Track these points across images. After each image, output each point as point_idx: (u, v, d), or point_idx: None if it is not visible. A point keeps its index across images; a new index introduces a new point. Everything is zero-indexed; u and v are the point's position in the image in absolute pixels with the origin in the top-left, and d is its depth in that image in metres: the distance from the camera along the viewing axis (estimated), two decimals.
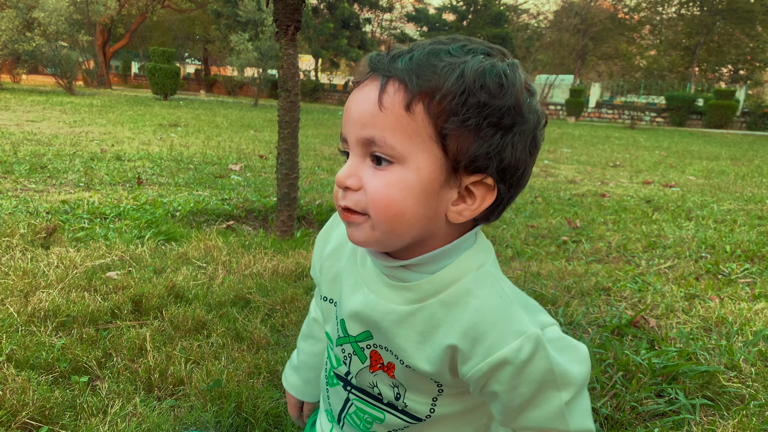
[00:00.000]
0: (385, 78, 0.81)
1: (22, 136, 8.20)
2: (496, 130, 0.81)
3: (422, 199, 0.82)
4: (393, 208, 0.81)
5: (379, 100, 0.81)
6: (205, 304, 2.29)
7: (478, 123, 0.79)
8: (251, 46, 22.37)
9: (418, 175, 0.81)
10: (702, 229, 4.55)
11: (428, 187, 0.82)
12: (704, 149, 14.39)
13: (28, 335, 1.91)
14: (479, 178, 0.83)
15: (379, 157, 0.82)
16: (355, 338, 0.97)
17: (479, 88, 0.79)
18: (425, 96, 0.79)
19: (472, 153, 0.81)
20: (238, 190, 5.29)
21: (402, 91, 0.80)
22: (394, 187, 0.81)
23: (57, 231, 3.20)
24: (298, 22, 4.03)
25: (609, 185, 7.21)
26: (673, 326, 2.50)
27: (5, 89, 19.55)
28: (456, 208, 0.85)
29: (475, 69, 0.80)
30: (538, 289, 2.89)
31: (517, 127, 0.83)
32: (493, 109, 0.80)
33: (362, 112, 0.83)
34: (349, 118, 0.85)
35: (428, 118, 0.79)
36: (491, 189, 0.85)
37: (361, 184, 0.83)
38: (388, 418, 0.99)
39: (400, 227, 0.83)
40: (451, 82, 0.78)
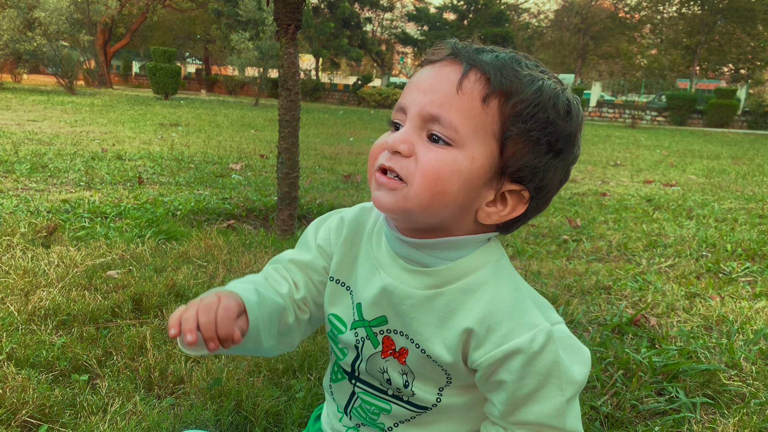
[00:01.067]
0: (468, 65, 0.84)
1: (23, 136, 8.21)
2: (549, 149, 0.86)
3: (466, 188, 0.85)
4: (439, 184, 0.83)
5: (459, 82, 0.83)
6: None
7: (539, 137, 0.84)
8: (252, 45, 22.36)
9: (470, 164, 0.84)
10: (703, 228, 4.55)
11: (475, 179, 0.85)
12: (705, 148, 14.38)
13: (29, 334, 1.91)
14: (518, 188, 0.88)
15: (437, 138, 0.84)
16: (370, 323, 0.98)
17: (551, 106, 0.84)
18: (503, 95, 0.83)
19: (524, 163, 0.85)
20: (238, 189, 5.29)
21: (483, 83, 0.83)
22: (447, 165, 0.83)
23: (57, 230, 3.20)
24: (299, 21, 4.03)
25: (609, 184, 7.20)
26: (674, 325, 2.50)
27: (6, 89, 19.56)
28: (488, 209, 0.89)
29: (552, 88, 0.85)
30: (539, 287, 2.89)
31: (566, 154, 0.89)
32: (555, 130, 0.85)
33: (436, 89, 0.85)
34: (419, 89, 0.87)
35: (499, 115, 0.83)
36: (524, 202, 0.89)
37: (413, 151, 0.85)
38: (394, 408, 1.00)
39: (437, 205, 0.85)
40: (530, 91, 0.83)
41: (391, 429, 1.02)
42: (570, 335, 0.94)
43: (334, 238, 1.06)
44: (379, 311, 0.96)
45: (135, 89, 32.24)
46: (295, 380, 1.77)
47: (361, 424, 1.06)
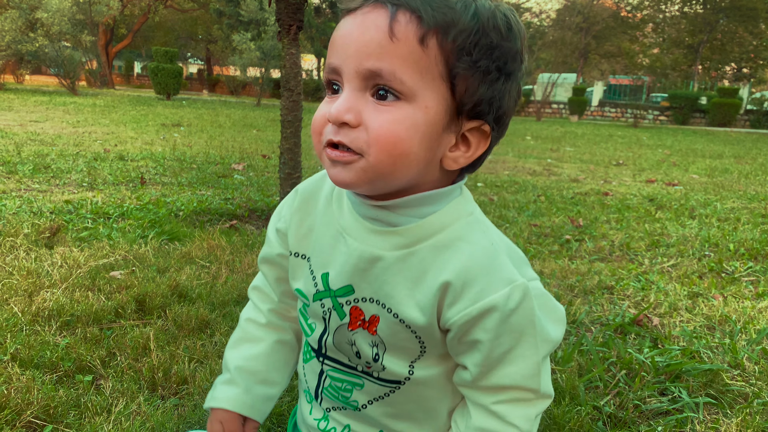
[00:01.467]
0: (394, 6, 0.75)
1: (25, 137, 8.22)
2: (500, 74, 0.79)
3: (426, 141, 0.78)
4: (399, 146, 0.77)
5: (390, 28, 0.74)
6: (209, 304, 2.29)
7: (488, 65, 0.77)
8: (254, 45, 22.39)
9: (425, 115, 0.77)
10: (705, 228, 4.55)
11: (433, 129, 0.78)
12: (708, 147, 14.36)
13: (33, 334, 1.91)
14: (478, 124, 0.81)
15: (384, 92, 0.76)
16: (335, 293, 0.92)
17: (492, 28, 0.77)
18: (439, 31, 0.75)
19: (478, 97, 0.78)
20: (241, 189, 5.30)
21: (415, 23, 0.74)
22: (402, 124, 0.76)
23: (60, 231, 3.20)
24: (300, 22, 4.03)
25: (612, 184, 7.20)
26: (677, 324, 2.50)
27: (9, 90, 19.60)
28: (452, 154, 0.83)
29: (487, 8, 0.78)
30: None
31: (517, 73, 0.82)
32: (502, 52, 0.78)
33: (367, 41, 0.76)
34: (346, 45, 0.78)
35: (441, 54, 0.75)
36: (486, 136, 0.83)
37: (361, 120, 0.77)
38: (366, 384, 0.96)
39: (401, 168, 0.79)
40: (467, 19, 0.75)
41: (365, 407, 0.97)
42: (545, 293, 0.89)
43: (286, 213, 1.01)
44: (346, 279, 0.90)
45: (137, 90, 32.29)
46: (297, 381, 1.77)
47: (331, 408, 1.02)
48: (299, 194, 1.01)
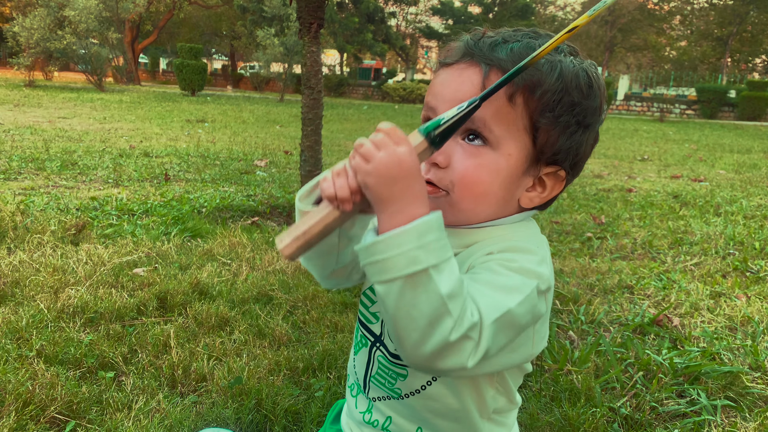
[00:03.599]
0: (487, 66, 0.85)
1: (53, 133, 8.39)
2: (579, 127, 0.87)
3: (506, 183, 0.87)
4: (480, 187, 0.86)
5: (483, 85, 0.84)
6: (229, 301, 2.33)
7: (569, 120, 0.86)
8: (277, 41, 22.49)
9: (507, 162, 0.86)
10: (731, 225, 4.47)
11: (513, 173, 0.87)
12: (736, 142, 14.09)
13: (58, 331, 1.97)
14: (555, 169, 0.90)
15: (474, 137, 0.86)
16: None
17: (575, 88, 0.85)
18: (527, 89, 0.84)
19: (558, 147, 0.87)
20: (263, 186, 5.35)
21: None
22: (485, 169, 0.85)
23: (86, 228, 3.27)
24: (321, 20, 4.05)
25: (636, 180, 7.11)
26: (697, 325, 2.48)
27: (38, 86, 19.96)
28: (529, 194, 0.91)
29: (571, 70, 0.86)
30: (561, 286, 2.88)
31: (595, 125, 0.90)
32: (582, 109, 0.87)
33: (464, 93, 0.85)
34: (445, 95, 0.88)
35: (527, 110, 0.85)
36: (561, 180, 0.91)
37: (449, 161, 0.86)
38: (410, 373, 0.99)
39: (480, 207, 0.88)
40: (552, 79, 0.84)
41: (407, 396, 1.01)
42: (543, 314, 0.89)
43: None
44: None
45: (162, 86, 32.66)
46: (314, 379, 1.80)
47: (377, 397, 1.05)
48: None
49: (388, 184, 0.75)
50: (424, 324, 0.73)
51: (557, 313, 2.53)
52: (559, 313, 2.54)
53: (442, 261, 0.74)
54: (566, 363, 1.98)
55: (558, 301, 2.65)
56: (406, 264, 0.73)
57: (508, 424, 1.05)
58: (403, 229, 0.73)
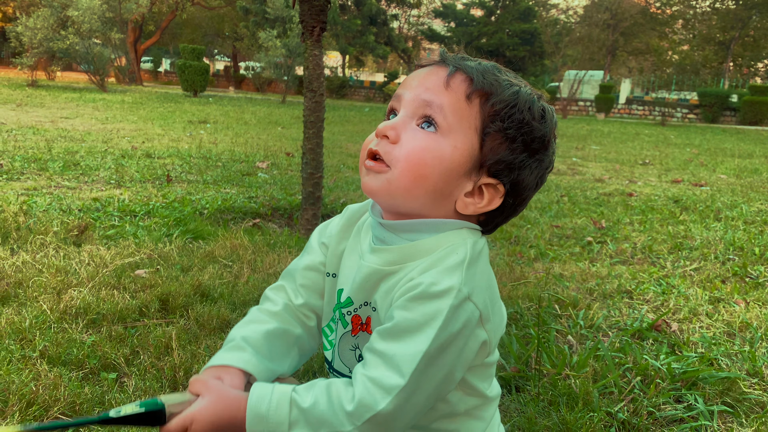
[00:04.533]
0: (454, 68, 0.94)
1: (56, 133, 8.41)
2: (525, 148, 0.94)
3: (446, 174, 0.92)
4: (421, 168, 0.91)
5: (447, 80, 0.93)
6: (230, 303, 2.34)
7: (515, 135, 0.93)
8: (279, 43, 22.52)
9: (452, 153, 0.92)
10: (731, 231, 4.49)
11: (455, 167, 0.92)
12: (737, 147, 14.10)
13: (60, 332, 1.98)
14: (494, 182, 0.94)
15: (429, 120, 0.92)
16: (341, 304, 1.04)
17: (527, 109, 0.93)
18: (483, 95, 0.92)
19: (500, 158, 0.93)
20: (264, 187, 5.37)
21: (467, 83, 0.93)
22: (431, 152, 0.91)
23: (88, 229, 3.29)
24: (324, 23, 4.07)
25: (637, 184, 7.13)
26: (696, 330, 2.49)
27: (41, 86, 20.00)
28: (466, 199, 0.95)
29: (528, 94, 0.95)
30: (560, 291, 2.89)
31: (540, 155, 0.96)
32: (530, 130, 0.93)
33: (429, 83, 0.94)
34: (412, 81, 0.97)
35: (480, 112, 0.92)
36: (499, 195, 0.95)
37: (399, 139, 0.93)
38: None
39: (418, 189, 0.92)
40: (508, 94, 0.93)
41: None
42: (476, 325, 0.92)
43: (332, 231, 1.13)
44: (350, 293, 1.02)
45: (164, 86, 32.70)
46: None
47: None
48: (345, 216, 1.12)
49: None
50: None
51: (556, 318, 2.54)
52: (558, 317, 2.56)
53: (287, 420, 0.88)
54: (564, 367, 2.00)
55: (557, 306, 2.67)
56: None
57: (486, 418, 1.06)
58: None
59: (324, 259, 1.12)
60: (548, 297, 2.75)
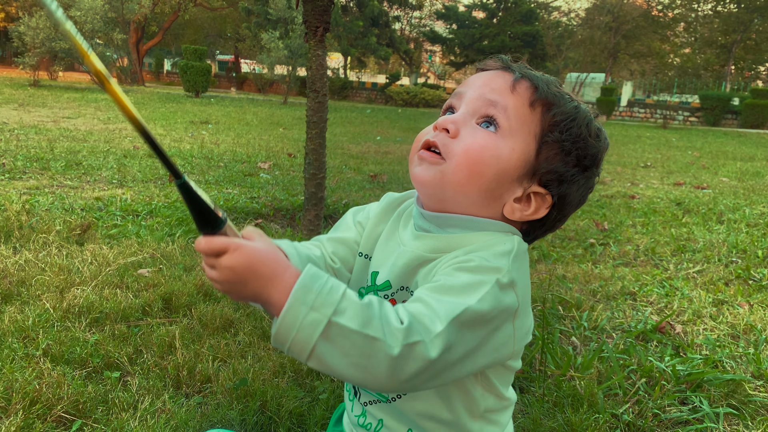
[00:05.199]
0: (520, 74, 0.96)
1: (58, 133, 8.42)
2: (577, 162, 0.96)
3: (500, 176, 0.93)
4: (477, 165, 0.92)
5: (513, 84, 0.95)
6: (233, 303, 2.34)
7: (570, 149, 0.95)
8: (281, 44, 22.53)
9: (510, 154, 0.93)
10: (733, 233, 4.48)
11: (510, 170, 0.93)
12: (739, 150, 14.09)
13: (63, 330, 1.98)
14: (544, 191, 0.95)
15: (490, 120, 0.94)
16: (378, 287, 1.03)
17: (585, 125, 0.95)
18: (546, 104, 0.95)
19: (553, 168, 0.95)
20: (266, 188, 5.36)
21: (531, 90, 0.95)
22: (489, 150, 0.92)
23: (91, 228, 3.28)
24: (327, 24, 4.06)
25: (639, 186, 7.12)
26: (700, 333, 2.48)
27: (43, 86, 20.01)
28: (514, 204, 0.96)
29: (586, 111, 0.98)
30: (564, 292, 2.88)
31: (589, 172, 0.98)
32: (585, 146, 0.96)
33: (494, 84, 0.96)
34: (476, 81, 0.98)
35: (541, 120, 0.94)
36: (546, 206, 0.96)
37: (458, 133, 0.93)
38: None
39: (471, 185, 0.92)
40: (569, 107, 0.95)
41: (394, 399, 1.03)
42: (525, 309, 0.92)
43: (370, 212, 1.13)
44: (389, 276, 1.02)
45: (166, 86, 32.72)
46: (318, 381, 1.81)
47: (368, 402, 1.07)
48: (384, 202, 1.13)
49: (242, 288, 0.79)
50: (364, 362, 0.77)
51: (560, 319, 2.54)
52: (561, 318, 2.55)
53: (336, 304, 0.78)
54: (569, 369, 1.99)
55: (561, 307, 2.66)
56: (311, 331, 0.76)
57: (502, 423, 1.06)
58: (287, 306, 0.77)
59: (358, 238, 1.12)
60: (552, 298, 2.74)
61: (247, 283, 0.78)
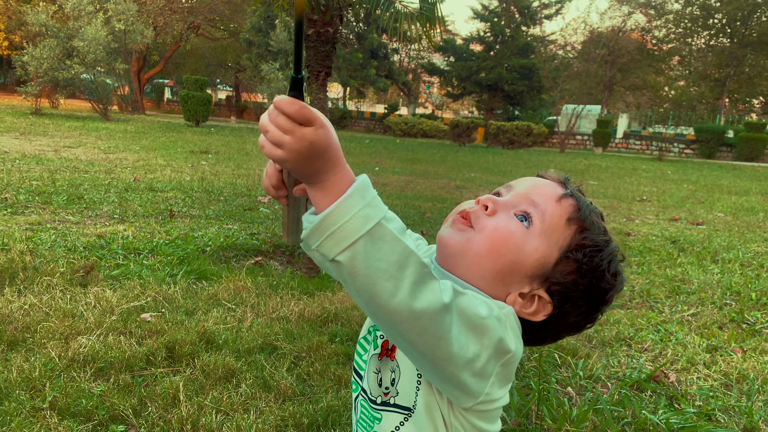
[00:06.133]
0: (570, 193, 1.03)
1: (59, 163, 8.49)
2: (587, 289, 1.00)
3: (516, 264, 0.98)
4: (500, 246, 0.97)
5: (560, 196, 1.02)
6: (235, 351, 2.38)
7: (586, 274, 0.99)
8: (282, 75, 22.82)
9: (532, 251, 0.98)
10: (727, 274, 4.53)
11: (526, 265, 0.98)
12: (734, 183, 14.22)
13: (69, 381, 2.01)
14: (548, 299, 1.01)
15: (526, 216, 1.00)
16: (374, 327, 1.09)
17: (607, 261, 1.00)
18: (582, 226, 1.00)
19: (563, 281, 0.99)
20: (266, 223, 5.42)
21: (574, 209, 1.01)
22: (515, 238, 0.98)
23: (94, 269, 3.33)
24: (329, 68, 4.17)
25: (635, 222, 7.19)
26: (694, 381, 2.52)
27: (44, 114, 20.17)
28: (518, 298, 1.01)
29: (615, 249, 1.02)
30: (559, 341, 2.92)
31: (593, 305, 1.03)
32: (600, 278, 1.00)
33: (543, 190, 1.03)
34: (528, 182, 1.06)
35: (572, 237, 1.00)
36: (544, 312, 1.01)
37: (495, 213, 1.00)
38: (384, 416, 1.06)
39: (487, 261, 0.97)
40: (600, 238, 1.01)
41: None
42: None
43: None
44: None
45: (167, 115, 32.96)
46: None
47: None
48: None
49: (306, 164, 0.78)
50: (394, 270, 0.80)
51: (556, 367, 2.57)
52: (558, 367, 2.59)
53: (386, 211, 0.82)
54: (565, 422, 2.03)
55: (557, 355, 2.70)
56: (362, 223, 0.78)
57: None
58: (348, 194, 0.79)
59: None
60: (547, 347, 2.79)
61: (315, 160, 0.79)
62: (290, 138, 0.77)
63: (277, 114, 0.77)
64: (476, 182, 11.23)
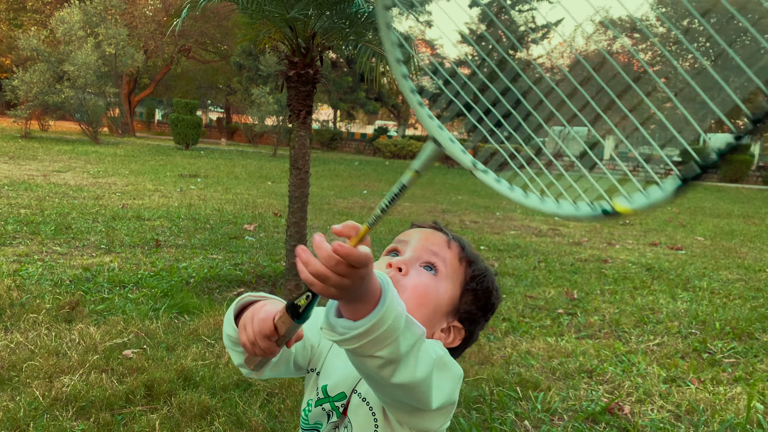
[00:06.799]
0: (450, 236, 1.24)
1: (48, 189, 8.60)
2: (483, 309, 1.24)
3: (436, 308, 1.19)
4: (422, 298, 1.16)
5: (448, 242, 1.22)
6: (211, 388, 2.50)
7: (480, 297, 1.23)
8: (272, 99, 23.06)
9: (443, 294, 1.19)
10: (696, 302, 4.69)
11: (442, 306, 1.19)
12: (717, 206, 14.47)
13: (52, 421, 2.13)
14: (460, 326, 1.23)
15: (431, 266, 1.19)
16: (333, 398, 1.21)
17: (491, 281, 1.25)
18: (469, 261, 1.23)
19: (468, 309, 1.22)
20: (250, 252, 5.54)
21: (460, 249, 1.23)
22: (430, 288, 1.17)
23: (79, 304, 3.44)
24: (310, 107, 4.35)
25: (614, 248, 7.35)
26: (648, 413, 2.66)
27: (33, 138, 20.26)
28: (440, 333, 1.22)
29: (491, 270, 1.27)
30: (525, 371, 3.06)
31: (487, 316, 1.26)
32: (490, 297, 1.24)
33: (434, 239, 1.22)
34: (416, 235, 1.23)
35: (465, 273, 1.22)
36: (460, 337, 1.24)
37: (408, 272, 1.17)
38: None
39: (417, 313, 1.11)
40: (482, 266, 1.25)
41: None
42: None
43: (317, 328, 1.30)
44: (342, 388, 1.19)
45: (157, 136, 33.09)
46: None
47: None
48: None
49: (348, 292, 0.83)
50: (414, 350, 0.93)
51: (517, 401, 2.71)
52: (518, 400, 2.72)
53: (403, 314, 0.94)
54: None
55: (519, 388, 2.83)
56: (400, 322, 0.89)
57: None
58: (389, 299, 0.87)
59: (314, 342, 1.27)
60: (510, 379, 2.92)
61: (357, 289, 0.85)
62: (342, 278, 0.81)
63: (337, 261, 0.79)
64: (462, 205, 11.39)
